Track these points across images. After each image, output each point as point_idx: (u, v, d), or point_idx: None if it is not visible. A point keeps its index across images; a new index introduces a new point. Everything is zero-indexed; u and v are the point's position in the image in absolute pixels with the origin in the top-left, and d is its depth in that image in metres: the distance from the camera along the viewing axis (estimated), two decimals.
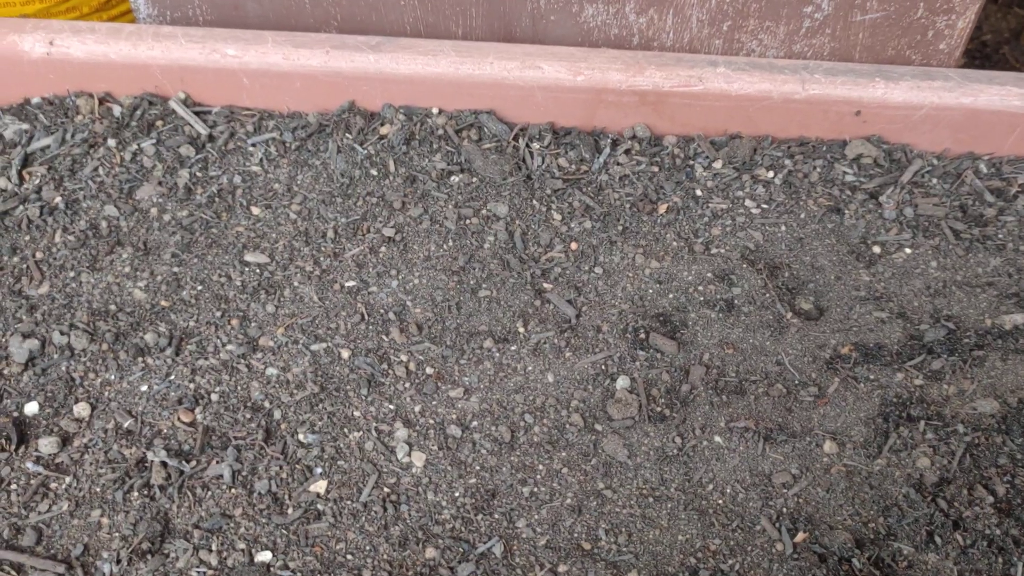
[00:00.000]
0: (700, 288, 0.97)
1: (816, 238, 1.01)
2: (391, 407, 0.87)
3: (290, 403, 0.87)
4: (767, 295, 0.96)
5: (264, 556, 0.77)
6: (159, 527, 0.78)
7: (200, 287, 0.95)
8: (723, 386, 0.89)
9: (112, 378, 0.88)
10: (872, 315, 0.95)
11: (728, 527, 0.80)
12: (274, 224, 1.01)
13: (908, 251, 1.00)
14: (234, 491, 0.81)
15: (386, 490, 0.82)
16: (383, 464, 0.83)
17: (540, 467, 0.84)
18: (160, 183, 1.03)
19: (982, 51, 1.40)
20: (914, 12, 1.06)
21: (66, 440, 0.84)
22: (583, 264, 0.99)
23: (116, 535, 0.78)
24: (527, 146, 1.07)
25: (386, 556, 0.78)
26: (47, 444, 0.82)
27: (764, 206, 1.04)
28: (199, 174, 1.04)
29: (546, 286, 0.97)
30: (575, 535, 0.80)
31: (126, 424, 0.85)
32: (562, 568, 0.78)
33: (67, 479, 0.81)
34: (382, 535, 0.79)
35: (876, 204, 1.03)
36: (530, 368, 0.90)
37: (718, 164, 1.07)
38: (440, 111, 1.08)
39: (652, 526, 0.80)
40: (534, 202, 1.03)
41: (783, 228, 1.02)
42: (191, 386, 0.87)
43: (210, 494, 0.81)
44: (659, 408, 0.88)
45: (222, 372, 0.88)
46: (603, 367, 0.90)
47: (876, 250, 1.00)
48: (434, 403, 0.87)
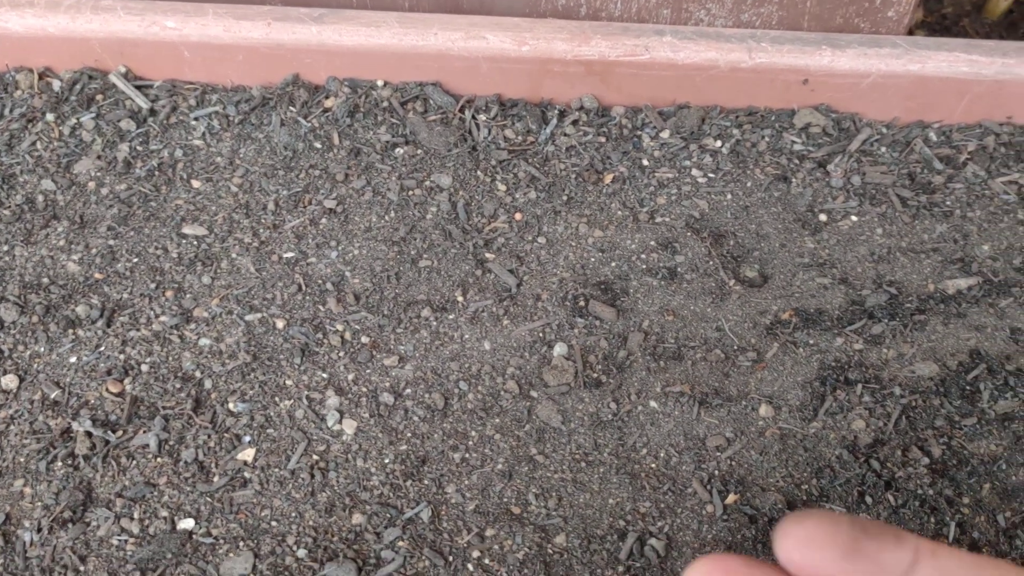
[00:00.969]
0: (643, 256, 0.96)
1: (762, 206, 1.00)
2: (324, 376, 0.86)
3: (221, 373, 0.85)
4: (711, 263, 0.95)
5: (187, 523, 0.76)
6: (81, 496, 0.77)
7: (136, 259, 0.94)
8: (661, 352, 0.88)
9: (41, 350, 0.87)
10: (815, 281, 0.94)
11: (659, 490, 0.79)
12: (215, 197, 0.99)
13: (854, 219, 0.99)
14: (160, 460, 0.80)
15: (315, 457, 0.81)
16: (313, 432, 0.82)
17: (473, 433, 0.83)
18: (99, 157, 1.01)
19: (942, 23, 1.39)
20: None
21: None
22: (527, 234, 0.98)
23: (38, 504, 0.77)
24: (473, 118, 1.06)
25: (311, 522, 0.77)
26: None
27: (711, 175, 1.03)
28: (139, 148, 1.03)
29: (488, 256, 0.96)
30: (505, 500, 0.79)
31: (53, 395, 0.84)
32: (489, 532, 0.77)
33: None
34: (308, 502, 0.78)
35: (824, 173, 1.03)
36: (467, 336, 0.89)
37: (665, 134, 1.06)
38: (385, 83, 1.07)
39: (583, 490, 0.79)
40: (479, 173, 1.02)
41: (729, 197, 1.01)
42: (121, 357, 0.86)
43: (135, 463, 0.80)
44: (595, 374, 0.86)
45: (154, 343, 0.87)
46: (541, 335, 0.89)
47: (822, 218, 0.99)
48: (368, 371, 0.86)
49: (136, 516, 0.76)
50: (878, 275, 0.94)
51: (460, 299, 0.92)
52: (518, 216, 0.99)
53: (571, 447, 0.82)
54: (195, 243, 0.95)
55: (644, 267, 0.95)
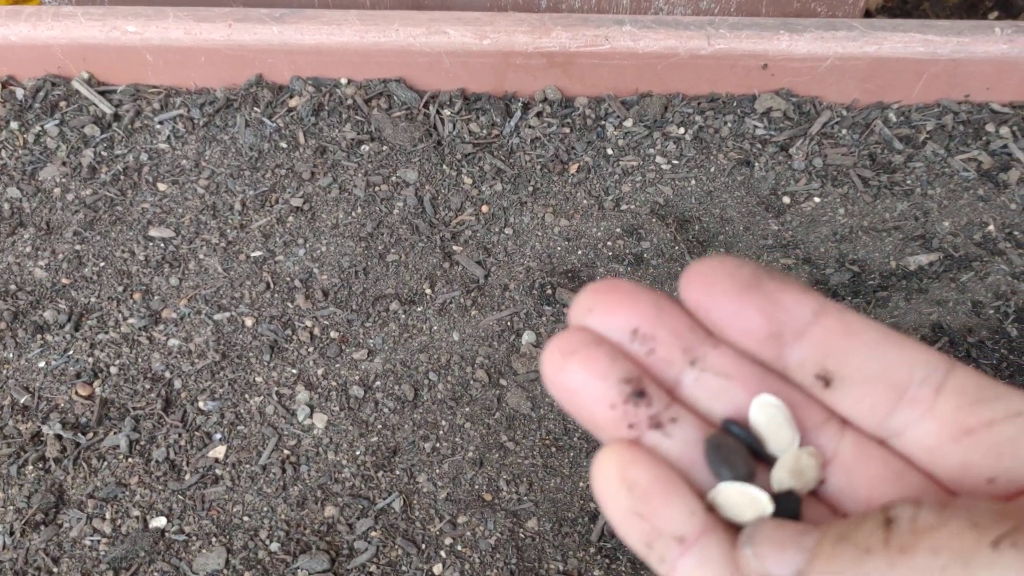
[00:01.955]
0: (609, 244, 0.97)
1: (726, 191, 1.01)
2: (294, 371, 0.86)
3: (191, 372, 0.86)
4: (676, 248, 0.96)
5: (159, 522, 0.76)
6: (53, 498, 0.77)
7: (103, 263, 0.94)
8: None
9: (10, 356, 0.87)
10: (779, 262, 0.95)
11: None
12: (181, 199, 1.00)
13: (817, 200, 1.00)
14: (130, 460, 0.80)
15: (286, 452, 0.81)
16: (283, 427, 0.82)
17: (443, 423, 0.83)
18: (64, 163, 1.01)
19: (903, 7, 1.41)
20: None
21: None
22: (493, 226, 0.99)
23: (10, 508, 0.77)
24: (438, 112, 1.06)
25: (284, 516, 0.77)
26: None
27: (675, 162, 1.04)
28: (104, 153, 1.03)
29: (456, 248, 0.97)
30: (476, 487, 0.79)
31: (22, 400, 0.84)
32: (461, 519, 0.77)
33: None
34: (280, 496, 0.78)
35: (786, 156, 1.04)
36: (435, 328, 0.90)
37: (629, 123, 1.07)
38: (349, 81, 1.07)
39: (554, 475, 0.80)
40: (444, 167, 1.03)
41: (693, 182, 1.02)
42: (90, 360, 0.86)
43: (106, 464, 0.80)
44: None
45: (122, 345, 0.87)
46: (509, 323, 0.90)
47: (785, 200, 1.00)
48: (337, 366, 0.87)
49: (108, 516, 0.77)
50: (841, 254, 0.95)
51: (428, 291, 0.92)
52: (484, 208, 1.00)
53: (541, 433, 0.83)
54: (162, 245, 0.95)
55: (610, 254, 0.96)
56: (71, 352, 0.87)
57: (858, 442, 0.32)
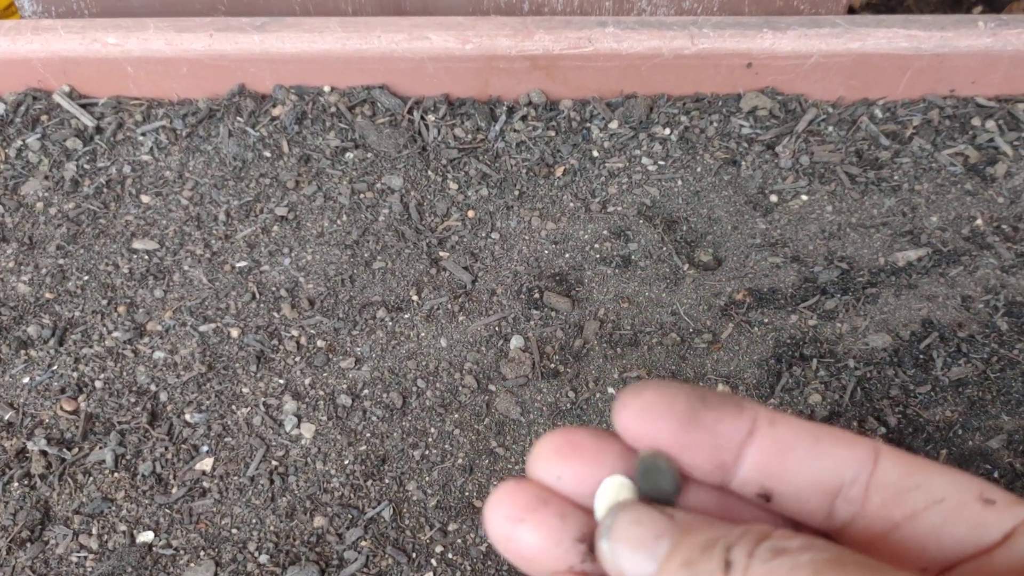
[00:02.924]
0: (596, 246, 0.96)
1: (713, 191, 1.01)
2: (280, 381, 0.85)
3: (177, 384, 0.85)
4: (664, 249, 0.96)
5: (146, 536, 0.75)
6: (39, 515, 0.76)
7: (86, 277, 0.93)
8: (617, 339, 0.88)
9: None
10: (768, 261, 0.94)
11: None
12: (164, 211, 0.99)
13: (804, 198, 1.00)
14: (116, 475, 0.79)
15: (274, 463, 0.80)
16: (271, 438, 0.82)
17: (432, 430, 0.83)
18: (46, 177, 1.01)
19: (887, 4, 1.41)
20: None
21: None
22: (480, 231, 0.98)
23: None
24: (422, 118, 1.06)
25: (272, 527, 0.76)
26: None
27: (661, 163, 1.03)
28: (87, 166, 1.02)
29: (442, 254, 0.96)
30: (466, 494, 0.79)
31: (7, 417, 0.83)
32: (452, 527, 0.76)
33: None
34: (269, 507, 0.77)
35: (773, 154, 1.03)
36: (423, 334, 0.89)
37: (614, 124, 1.06)
38: (332, 89, 1.07)
39: None
40: (429, 173, 1.02)
41: (680, 183, 1.02)
42: (74, 375, 0.85)
43: (92, 479, 0.79)
44: (552, 365, 0.87)
45: (107, 359, 0.87)
46: (497, 329, 0.89)
47: (773, 199, 1.00)
48: (325, 375, 0.86)
49: (95, 532, 0.76)
50: (829, 251, 0.95)
51: (415, 298, 0.92)
52: (471, 213, 0.99)
53: (531, 438, 0.82)
54: (146, 257, 0.95)
55: (598, 256, 0.95)
56: (55, 367, 0.86)
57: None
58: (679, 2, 1.11)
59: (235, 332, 0.89)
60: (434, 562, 0.75)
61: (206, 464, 0.80)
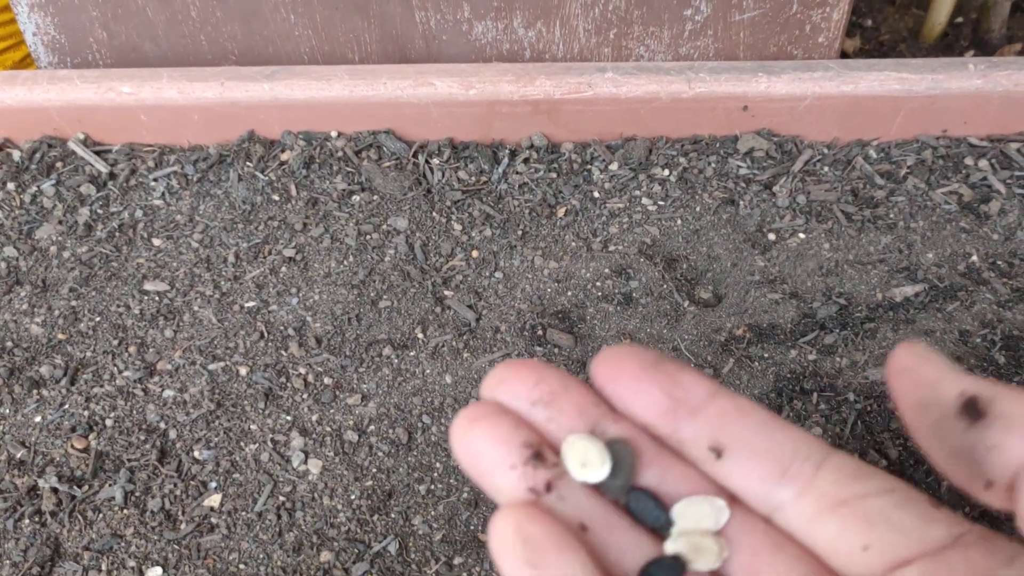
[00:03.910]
0: (598, 284, 0.98)
1: (712, 229, 1.03)
2: (288, 418, 0.87)
3: (186, 422, 0.86)
4: (664, 286, 0.97)
5: (155, 572, 0.76)
6: (49, 551, 0.77)
7: (98, 318, 0.95)
8: None
9: (6, 412, 0.87)
10: (767, 297, 0.96)
11: None
12: (175, 254, 1.01)
13: (802, 235, 1.02)
14: (126, 511, 0.80)
15: (281, 498, 0.81)
16: (279, 474, 0.83)
17: (437, 465, 0.84)
18: (60, 222, 1.03)
19: (880, 50, 1.44)
20: (789, 8, 1.10)
21: None
22: (484, 270, 1.00)
23: (7, 563, 0.77)
24: (427, 162, 1.08)
25: (280, 562, 0.77)
26: None
27: (660, 203, 1.05)
28: (100, 211, 1.04)
29: (447, 293, 0.98)
30: (471, 528, 0.79)
31: (19, 455, 0.84)
32: (457, 560, 0.77)
33: None
34: (276, 542, 0.78)
35: (770, 194, 1.06)
36: (428, 371, 0.91)
37: (614, 166, 1.09)
38: (339, 134, 1.10)
39: None
40: (434, 214, 1.04)
41: (679, 222, 1.04)
42: (85, 414, 0.87)
43: (101, 516, 0.80)
44: None
45: (117, 398, 0.88)
46: None
47: (771, 237, 1.02)
48: (332, 411, 0.87)
49: (104, 568, 0.76)
50: (827, 288, 0.96)
51: (420, 336, 0.93)
52: (475, 253, 1.01)
53: None
54: (157, 298, 0.97)
55: (600, 294, 0.97)
56: (67, 406, 0.87)
57: (744, 516, 0.34)
58: (675, 48, 1.14)
59: (244, 370, 0.90)
60: None
61: (214, 500, 0.81)
